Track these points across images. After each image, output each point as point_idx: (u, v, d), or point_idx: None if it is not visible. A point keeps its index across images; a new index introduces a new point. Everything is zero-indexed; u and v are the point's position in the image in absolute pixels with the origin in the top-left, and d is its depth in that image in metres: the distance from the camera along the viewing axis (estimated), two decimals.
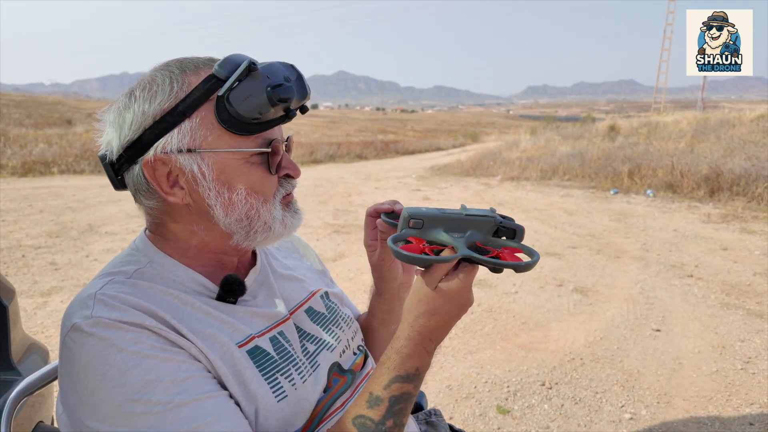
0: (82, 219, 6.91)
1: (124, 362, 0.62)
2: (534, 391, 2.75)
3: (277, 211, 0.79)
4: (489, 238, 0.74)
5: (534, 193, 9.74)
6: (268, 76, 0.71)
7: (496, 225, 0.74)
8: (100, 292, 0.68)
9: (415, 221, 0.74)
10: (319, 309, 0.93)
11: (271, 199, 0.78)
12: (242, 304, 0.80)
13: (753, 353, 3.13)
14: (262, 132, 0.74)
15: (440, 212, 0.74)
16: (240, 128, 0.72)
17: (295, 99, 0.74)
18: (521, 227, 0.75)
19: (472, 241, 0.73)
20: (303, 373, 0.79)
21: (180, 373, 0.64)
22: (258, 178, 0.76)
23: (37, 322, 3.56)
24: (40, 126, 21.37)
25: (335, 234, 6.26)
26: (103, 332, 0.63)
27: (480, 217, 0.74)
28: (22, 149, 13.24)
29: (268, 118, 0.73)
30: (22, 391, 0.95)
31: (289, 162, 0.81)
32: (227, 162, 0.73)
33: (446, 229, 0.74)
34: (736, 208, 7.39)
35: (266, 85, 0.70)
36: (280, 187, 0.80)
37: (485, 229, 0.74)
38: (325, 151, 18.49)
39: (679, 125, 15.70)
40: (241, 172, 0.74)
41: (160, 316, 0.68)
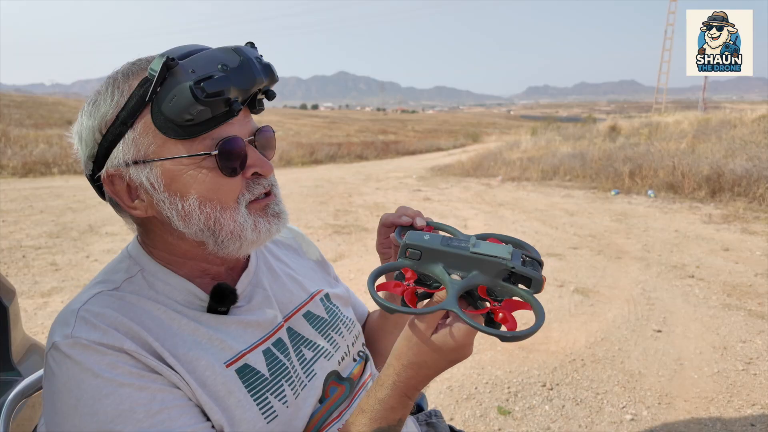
0: (82, 219, 6.91)
1: (98, 389, 0.60)
2: (535, 392, 2.75)
3: (243, 217, 0.71)
4: (497, 282, 0.63)
5: (535, 193, 9.73)
6: (193, 70, 0.63)
7: (506, 270, 0.62)
8: (84, 308, 0.67)
9: (411, 251, 0.65)
10: (318, 313, 0.89)
11: (231, 205, 0.70)
12: (235, 313, 0.77)
13: (754, 354, 3.12)
14: (208, 132, 0.66)
15: (443, 244, 0.65)
16: (178, 133, 0.65)
17: (234, 88, 0.65)
18: (537, 277, 0.62)
19: (474, 284, 0.63)
20: (296, 387, 0.76)
21: (155, 404, 0.62)
22: (211, 184, 0.68)
23: (37, 322, 3.56)
24: (40, 126, 21.39)
25: (335, 234, 6.25)
26: (80, 355, 0.62)
27: (487, 257, 0.62)
28: (22, 150, 13.23)
29: (206, 117, 0.65)
30: (22, 391, 0.95)
31: (256, 159, 0.71)
32: (174, 170, 0.67)
33: (447, 266, 0.64)
34: (737, 209, 7.38)
35: (190, 81, 0.62)
36: (246, 190, 0.71)
37: (493, 272, 0.63)
38: (325, 152, 18.48)
39: (681, 126, 15.68)
40: (191, 179, 0.67)
41: (142, 338, 0.66)
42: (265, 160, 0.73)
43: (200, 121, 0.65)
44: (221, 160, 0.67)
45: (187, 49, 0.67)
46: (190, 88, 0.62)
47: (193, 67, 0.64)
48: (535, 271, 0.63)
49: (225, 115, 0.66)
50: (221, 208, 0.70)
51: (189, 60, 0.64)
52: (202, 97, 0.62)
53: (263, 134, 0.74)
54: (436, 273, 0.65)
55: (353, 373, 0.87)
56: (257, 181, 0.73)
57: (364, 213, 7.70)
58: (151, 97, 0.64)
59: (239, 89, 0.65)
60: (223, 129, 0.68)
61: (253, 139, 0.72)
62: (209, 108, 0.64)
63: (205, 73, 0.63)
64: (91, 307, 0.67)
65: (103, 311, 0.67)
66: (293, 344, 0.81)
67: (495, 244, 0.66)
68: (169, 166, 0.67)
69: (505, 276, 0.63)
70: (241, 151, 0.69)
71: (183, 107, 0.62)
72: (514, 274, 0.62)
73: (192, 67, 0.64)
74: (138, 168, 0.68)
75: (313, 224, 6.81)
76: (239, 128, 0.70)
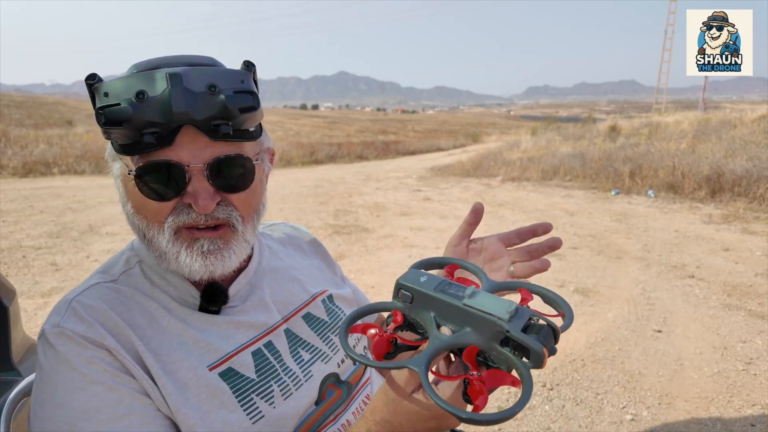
0: (82, 219, 6.91)
1: (72, 382, 0.62)
2: (535, 392, 2.74)
3: (166, 242, 0.69)
4: (493, 345, 0.52)
5: (535, 193, 9.73)
6: (106, 93, 0.62)
7: (502, 333, 0.51)
8: (77, 299, 0.69)
9: (403, 293, 0.57)
10: (318, 315, 0.89)
11: (155, 225, 0.69)
12: (228, 313, 0.77)
13: (754, 354, 3.12)
14: (146, 153, 0.65)
15: (437, 289, 0.56)
16: (115, 147, 0.68)
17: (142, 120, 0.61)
18: (537, 348, 0.49)
19: (462, 342, 0.53)
20: (289, 388, 0.76)
21: (120, 408, 0.62)
22: (140, 199, 0.68)
23: (37, 322, 3.56)
24: (40, 126, 21.38)
25: (336, 234, 6.25)
26: (63, 346, 0.64)
27: (480, 313, 0.52)
28: (22, 150, 13.24)
29: (126, 141, 0.64)
30: (22, 391, 0.95)
31: (195, 190, 0.67)
32: (124, 174, 0.70)
33: (439, 315, 0.55)
34: (737, 209, 7.38)
35: (98, 106, 0.62)
36: (173, 214, 0.68)
37: (487, 332, 0.52)
38: (325, 152, 18.49)
39: (681, 126, 15.68)
40: (132, 187, 0.69)
41: (126, 336, 0.67)
42: (206, 194, 0.67)
43: (124, 144, 0.65)
44: (138, 183, 0.66)
45: (147, 64, 0.67)
46: (95, 112, 0.62)
47: (108, 90, 0.62)
48: (538, 340, 0.50)
49: (143, 145, 0.63)
50: (147, 224, 0.70)
51: (110, 82, 0.63)
52: (101, 123, 0.61)
53: (222, 166, 0.68)
54: (426, 322, 0.56)
55: (352, 377, 0.87)
56: (188, 211, 0.68)
57: (364, 213, 7.70)
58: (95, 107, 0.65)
59: (150, 121, 0.61)
60: (163, 152, 0.65)
61: (203, 167, 0.66)
62: (120, 134, 0.63)
63: (113, 101, 0.61)
64: (83, 298, 0.70)
65: (94, 304, 0.69)
66: (291, 345, 0.81)
67: (498, 298, 0.54)
68: (123, 170, 0.70)
69: (501, 339, 0.52)
70: (170, 178, 0.66)
71: (100, 127, 0.63)
72: (511, 339, 0.51)
73: (108, 90, 0.62)
74: (115, 163, 0.72)
75: (313, 224, 6.81)
76: (188, 154, 0.65)
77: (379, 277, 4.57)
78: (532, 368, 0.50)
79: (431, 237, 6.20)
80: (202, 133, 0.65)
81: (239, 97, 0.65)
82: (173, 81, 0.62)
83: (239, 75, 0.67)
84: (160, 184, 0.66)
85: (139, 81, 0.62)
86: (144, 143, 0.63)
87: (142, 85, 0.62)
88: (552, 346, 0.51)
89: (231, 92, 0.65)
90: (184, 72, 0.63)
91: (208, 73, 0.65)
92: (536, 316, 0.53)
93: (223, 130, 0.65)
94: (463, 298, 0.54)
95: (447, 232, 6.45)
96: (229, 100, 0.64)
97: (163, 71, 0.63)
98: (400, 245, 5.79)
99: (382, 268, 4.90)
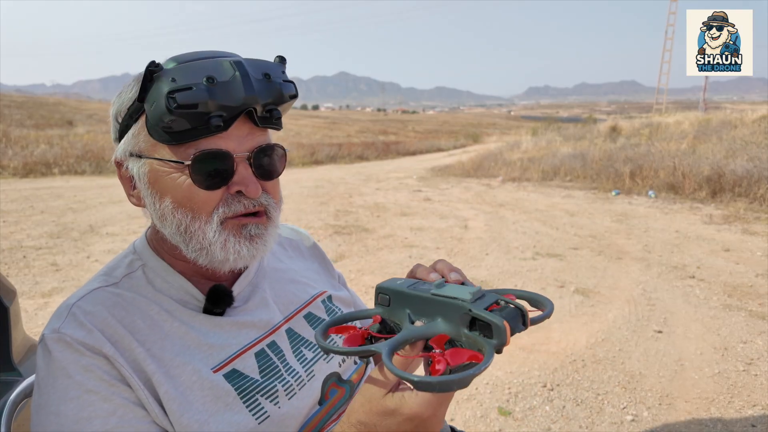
0: (83, 220, 6.92)
1: (67, 390, 0.62)
2: (535, 393, 2.74)
3: (213, 233, 0.69)
4: (462, 331, 0.51)
5: (535, 194, 9.73)
6: (173, 78, 0.63)
7: (468, 316, 0.51)
8: (77, 304, 0.69)
9: (382, 296, 0.58)
10: (319, 314, 0.89)
11: (203, 216, 0.69)
12: (230, 314, 0.77)
13: (755, 355, 3.12)
14: (194, 141, 0.66)
15: (409, 287, 0.57)
16: (162, 137, 0.66)
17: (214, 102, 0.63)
18: (498, 323, 0.48)
19: (432, 332, 0.53)
20: (292, 388, 0.76)
21: (113, 419, 0.62)
22: (186, 192, 0.68)
23: (38, 323, 3.56)
24: (41, 127, 21.39)
25: (336, 235, 6.25)
26: (60, 352, 0.64)
27: (446, 299, 0.53)
28: (23, 150, 13.25)
29: (184, 127, 0.64)
30: (23, 392, 0.95)
31: (244, 178, 0.69)
32: (159, 170, 0.69)
33: (413, 312, 0.56)
34: (738, 210, 7.37)
35: (167, 90, 0.62)
36: (224, 205, 0.69)
37: (456, 318, 0.52)
38: (326, 152, 18.50)
39: (681, 126, 15.68)
40: (171, 182, 0.68)
41: (126, 343, 0.67)
42: (254, 180, 0.69)
43: (180, 130, 0.65)
44: (193, 173, 0.67)
45: (195, 56, 0.68)
46: (165, 97, 0.62)
47: (175, 76, 0.63)
48: (501, 316, 0.49)
49: (205, 129, 0.65)
50: (192, 217, 0.69)
51: (177, 67, 0.64)
52: (172, 107, 0.62)
53: (264, 154, 0.71)
54: (401, 318, 0.57)
55: (354, 376, 0.87)
56: (239, 199, 0.70)
57: (365, 213, 7.70)
58: (140, 98, 0.65)
59: (221, 105, 0.63)
60: (212, 141, 0.66)
61: (248, 155, 0.69)
62: (185, 119, 0.63)
63: (184, 84, 0.62)
64: (84, 303, 0.69)
65: (94, 309, 0.68)
66: (293, 345, 0.81)
67: (463, 286, 0.55)
68: (156, 165, 0.69)
69: (468, 323, 0.51)
70: (221, 166, 0.67)
71: (159, 114, 0.63)
72: (478, 322, 0.51)
73: (174, 76, 0.63)
74: (133, 160, 0.71)
75: (313, 225, 6.81)
76: (234, 143, 0.68)
77: (379, 278, 4.57)
78: (497, 346, 0.49)
79: (431, 237, 6.20)
80: (248, 121, 0.68)
81: (288, 85, 0.71)
82: (240, 68, 0.65)
83: (280, 67, 0.72)
84: (211, 173, 0.67)
85: (205, 67, 0.64)
86: (210, 127, 0.64)
87: (210, 71, 0.64)
88: (517, 324, 0.51)
89: (281, 80, 0.70)
90: (244, 61, 0.67)
91: (261, 63, 0.69)
92: (504, 300, 0.53)
93: (276, 114, 0.69)
94: (431, 289, 0.55)
95: (447, 232, 6.45)
96: (283, 88, 0.69)
97: (226, 59, 0.66)
98: (401, 245, 5.79)
99: (383, 268, 4.90)
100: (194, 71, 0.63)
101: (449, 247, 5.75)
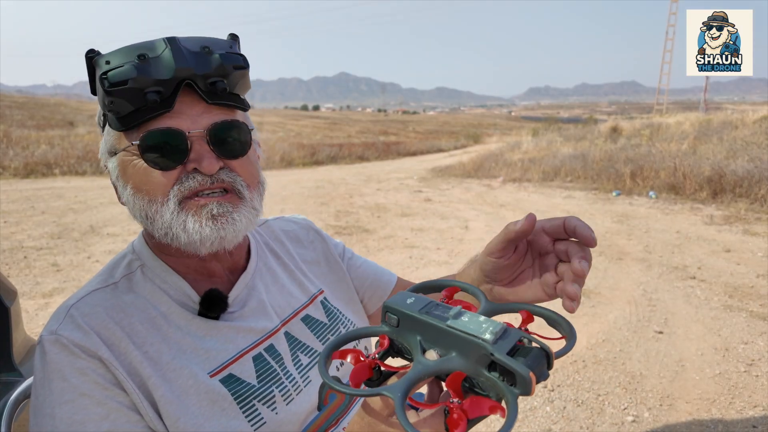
0: (83, 220, 6.92)
1: (62, 393, 0.63)
2: (536, 394, 2.74)
3: (170, 214, 0.67)
4: (480, 370, 0.46)
5: (536, 194, 9.72)
6: (108, 61, 0.63)
7: (487, 357, 0.45)
8: (76, 306, 0.69)
9: (389, 316, 0.53)
10: (318, 317, 0.87)
11: (159, 198, 0.68)
12: (227, 318, 0.76)
13: (756, 355, 3.11)
14: (144, 124, 0.66)
15: (422, 311, 0.51)
16: (116, 124, 0.67)
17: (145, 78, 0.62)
18: (524, 373, 0.43)
19: (447, 368, 0.48)
20: (289, 393, 0.75)
21: (105, 423, 0.62)
22: (142, 175, 0.68)
23: (38, 323, 3.56)
24: (42, 127, 21.42)
25: (336, 235, 6.25)
26: (57, 354, 0.64)
27: (463, 335, 0.47)
28: (24, 151, 13.27)
29: (128, 109, 0.65)
30: (24, 392, 0.95)
31: (198, 153, 0.67)
32: (124, 160, 0.69)
33: (425, 339, 0.51)
34: (738, 210, 7.37)
35: (101, 72, 0.63)
36: (178, 183, 0.68)
37: (474, 356, 0.47)
38: (326, 153, 18.49)
39: (682, 127, 15.66)
40: (132, 169, 0.69)
41: (123, 346, 0.67)
42: (210, 156, 0.67)
43: (127, 113, 0.65)
44: (143, 152, 0.66)
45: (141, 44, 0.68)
46: (100, 79, 0.63)
47: (109, 58, 0.63)
48: (525, 363, 0.44)
49: (151, 106, 0.64)
50: (149, 200, 0.68)
51: (111, 52, 0.64)
52: (106, 87, 0.62)
53: (221, 131, 0.69)
54: (412, 346, 0.52)
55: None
56: (194, 176, 0.68)
57: (365, 214, 7.70)
58: (92, 90, 0.66)
59: (154, 79, 0.63)
60: (162, 120, 0.66)
61: (204, 132, 0.68)
62: (123, 99, 0.63)
63: (117, 64, 0.63)
64: (83, 305, 0.69)
65: (92, 311, 0.68)
66: (291, 349, 0.80)
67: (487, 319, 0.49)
68: (122, 157, 0.70)
69: (488, 363, 0.46)
70: (173, 144, 0.66)
71: (101, 98, 0.65)
72: (497, 364, 0.45)
73: (109, 58, 0.63)
74: (111, 160, 0.72)
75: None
76: (188, 121, 0.67)
77: None
78: (519, 395, 0.44)
79: (432, 238, 6.19)
80: (200, 97, 0.67)
81: (232, 57, 0.69)
82: (171, 42, 0.65)
83: (227, 42, 0.71)
84: (163, 153, 0.66)
85: (138, 47, 0.65)
86: (148, 104, 0.64)
87: (142, 49, 0.64)
88: (543, 370, 0.47)
89: (224, 52, 0.68)
90: (180, 37, 0.67)
91: (200, 39, 0.68)
92: (527, 338, 0.49)
93: (220, 86, 0.67)
94: (447, 320, 0.49)
95: (448, 232, 6.45)
96: (223, 59, 0.67)
97: (160, 38, 0.66)
98: (401, 246, 5.79)
99: None
100: (127, 51, 0.64)
101: (450, 247, 5.75)
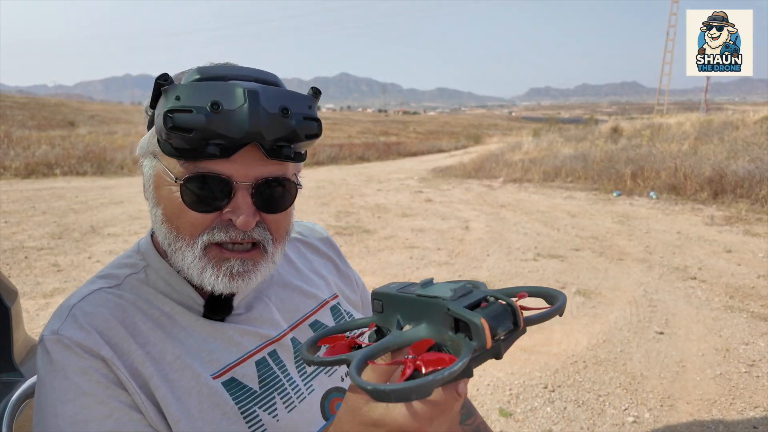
0: (84, 220, 6.93)
1: (64, 392, 0.62)
2: (536, 394, 2.74)
3: (193, 257, 0.67)
4: (446, 334, 0.45)
5: (537, 195, 9.72)
6: (178, 97, 0.60)
7: (449, 317, 0.45)
8: (78, 305, 0.68)
9: (376, 303, 0.54)
10: (326, 322, 0.86)
11: (187, 238, 0.67)
12: (232, 320, 0.76)
13: (757, 356, 3.11)
14: (196, 162, 0.63)
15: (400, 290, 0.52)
16: (165, 148, 0.64)
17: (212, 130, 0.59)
18: (476, 321, 0.42)
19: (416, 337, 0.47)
20: (292, 400, 0.74)
21: (108, 422, 0.62)
22: (176, 208, 0.66)
23: (39, 323, 3.56)
24: (43, 128, 21.45)
25: (337, 236, 6.25)
26: (58, 354, 0.64)
27: (428, 299, 0.47)
28: (25, 151, 13.28)
29: (183, 146, 0.62)
30: (24, 392, 0.95)
31: (238, 205, 0.65)
32: (162, 177, 0.68)
33: (403, 316, 0.51)
34: (739, 211, 7.36)
35: (167, 108, 0.59)
36: (210, 230, 0.66)
37: (439, 320, 0.46)
38: (327, 153, 18.50)
39: (683, 127, 15.66)
40: (167, 193, 0.67)
41: (126, 346, 0.67)
42: (249, 210, 0.66)
43: (181, 148, 0.63)
44: (183, 192, 0.65)
45: (214, 73, 0.65)
46: (164, 115, 0.60)
47: (180, 94, 0.60)
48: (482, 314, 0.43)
49: (203, 153, 0.62)
50: (176, 235, 0.67)
51: (183, 86, 0.61)
52: (167, 127, 0.59)
53: (269, 186, 0.67)
54: (391, 324, 0.52)
55: None
56: (227, 227, 0.66)
57: (366, 214, 7.70)
58: (152, 105, 0.65)
59: (220, 134, 0.60)
60: (215, 164, 0.64)
61: (251, 185, 0.65)
62: (184, 141, 0.61)
63: (186, 105, 0.59)
64: (85, 305, 0.69)
65: (95, 311, 0.68)
66: (296, 355, 0.79)
67: (452, 282, 0.49)
68: (160, 171, 0.68)
69: (452, 324, 0.45)
70: (215, 191, 0.65)
71: (159, 128, 0.62)
72: (461, 323, 0.44)
73: (180, 94, 0.60)
74: (148, 159, 0.71)
75: None
76: (239, 169, 0.64)
77: (380, 279, 4.57)
78: (477, 348, 0.42)
79: (432, 238, 6.19)
80: (257, 150, 0.64)
81: (308, 124, 0.65)
82: (251, 98, 0.60)
83: (308, 100, 0.67)
84: (204, 194, 0.64)
85: (215, 91, 0.60)
86: (206, 153, 0.61)
87: (218, 95, 0.60)
88: (505, 323, 0.44)
89: (301, 117, 0.65)
90: (261, 90, 0.62)
91: (282, 95, 0.64)
92: (495, 296, 0.47)
93: (285, 152, 0.65)
94: (417, 290, 0.49)
95: (448, 233, 6.45)
96: (299, 125, 0.64)
97: (240, 85, 0.61)
98: (402, 246, 5.79)
99: (384, 269, 4.90)
100: (201, 92, 0.60)
101: (450, 248, 5.75)
